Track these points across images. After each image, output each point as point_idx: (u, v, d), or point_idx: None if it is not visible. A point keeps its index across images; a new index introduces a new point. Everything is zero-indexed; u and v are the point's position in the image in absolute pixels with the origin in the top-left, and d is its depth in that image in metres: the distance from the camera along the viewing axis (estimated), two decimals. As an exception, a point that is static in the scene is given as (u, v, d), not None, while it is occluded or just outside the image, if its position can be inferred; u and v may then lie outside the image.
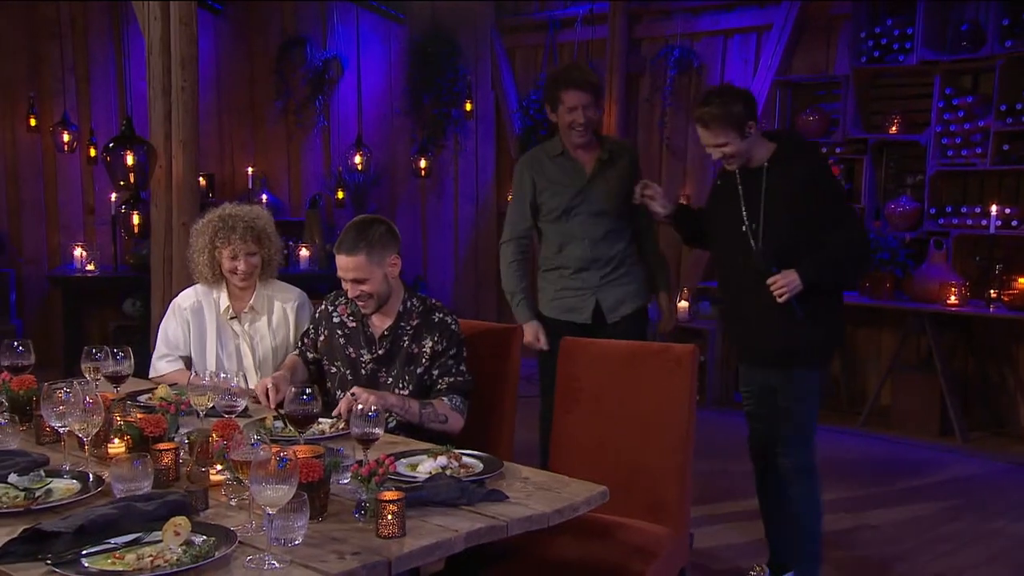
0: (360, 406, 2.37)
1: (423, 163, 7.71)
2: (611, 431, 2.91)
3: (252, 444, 2.06)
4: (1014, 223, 5.52)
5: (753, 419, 3.54)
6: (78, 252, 7.01)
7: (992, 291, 5.56)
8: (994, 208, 5.52)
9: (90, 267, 6.96)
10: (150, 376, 3.39)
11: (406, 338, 3.01)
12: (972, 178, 5.96)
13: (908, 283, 5.84)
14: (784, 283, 3.18)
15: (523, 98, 7.87)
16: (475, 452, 2.55)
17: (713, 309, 6.81)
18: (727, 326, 3.69)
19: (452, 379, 2.96)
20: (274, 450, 2.01)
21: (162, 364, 3.36)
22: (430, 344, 2.98)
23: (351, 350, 3.06)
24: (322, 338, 3.13)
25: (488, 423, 3.12)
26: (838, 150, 6.25)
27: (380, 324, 3.04)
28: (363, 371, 3.03)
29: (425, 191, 8.07)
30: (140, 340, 4.85)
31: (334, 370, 3.09)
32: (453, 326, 3.02)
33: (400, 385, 2.99)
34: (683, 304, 6.80)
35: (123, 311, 6.70)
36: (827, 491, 4.75)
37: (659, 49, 7.27)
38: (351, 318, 3.08)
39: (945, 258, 5.73)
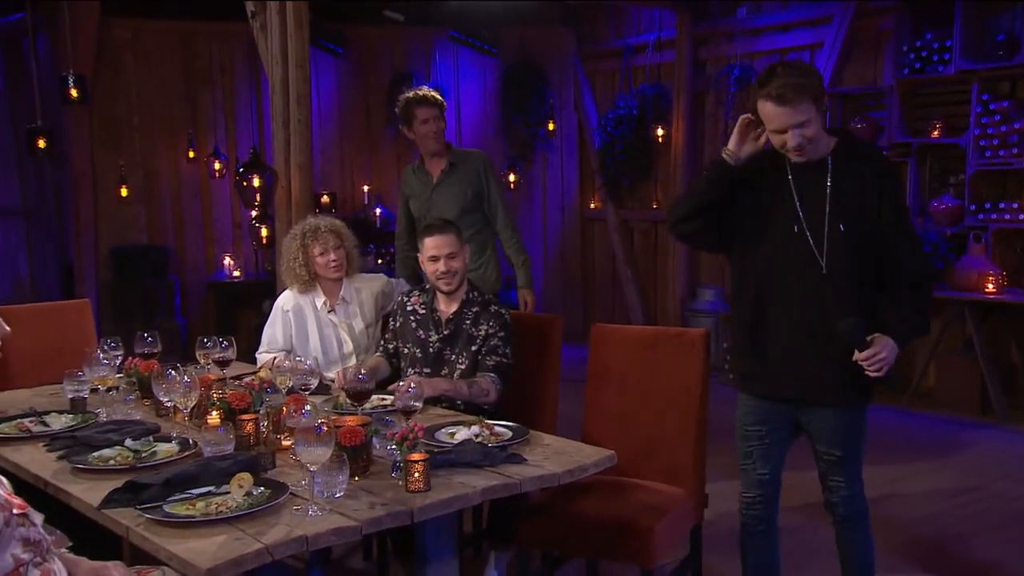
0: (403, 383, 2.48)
1: (513, 177, 7.81)
2: (635, 405, 2.93)
3: (303, 414, 2.18)
4: (1049, 217, 5.23)
5: (760, 465, 2.64)
6: (227, 261, 7.41)
7: (1030, 280, 5.29)
8: (1030, 203, 5.25)
9: (236, 273, 7.36)
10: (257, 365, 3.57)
11: (467, 322, 3.10)
12: (1009, 176, 5.65)
13: (949, 274, 5.60)
14: (885, 355, 2.35)
15: (602, 117, 7.88)
16: (507, 423, 2.61)
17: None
18: (750, 345, 2.60)
19: (497, 359, 3.02)
20: (320, 420, 2.13)
21: (262, 358, 3.52)
22: (485, 329, 3.07)
23: (421, 332, 3.16)
24: (398, 325, 3.25)
25: (533, 402, 3.18)
26: (884, 154, 6.04)
27: (447, 309, 3.13)
28: (431, 350, 3.13)
29: (516, 202, 8.15)
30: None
31: (406, 351, 3.20)
32: (506, 316, 3.11)
33: (460, 361, 3.08)
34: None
35: (262, 310, 7.04)
36: (867, 463, 4.66)
37: (721, 68, 7.17)
38: (422, 306, 3.20)
39: (984, 250, 5.48)
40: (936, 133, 5.80)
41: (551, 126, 7.92)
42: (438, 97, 4.09)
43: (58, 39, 6.76)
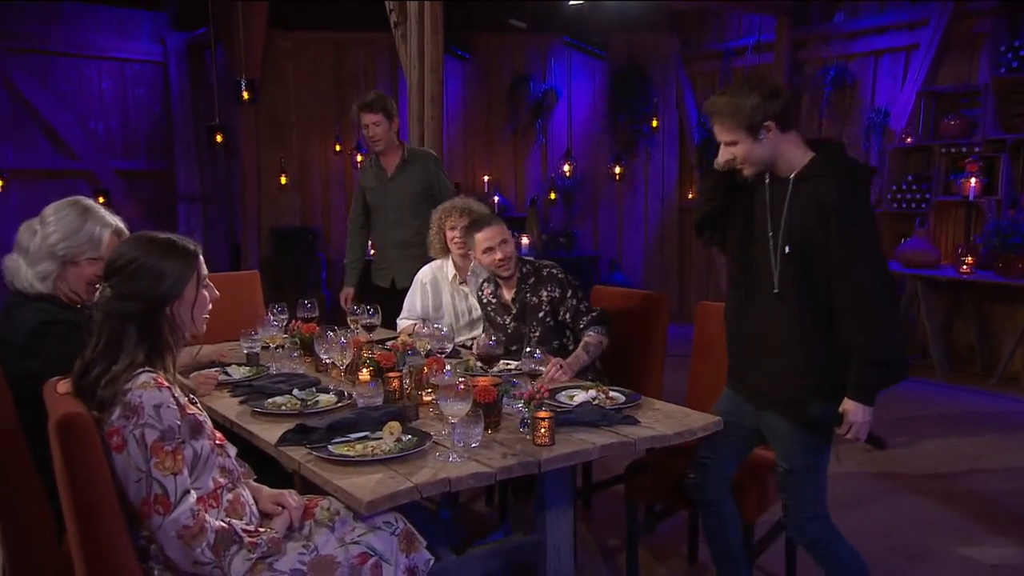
0: (527, 347, 2.50)
1: (618, 170, 7.72)
2: (736, 378, 2.86)
3: (445, 373, 2.23)
4: None
5: (705, 448, 2.42)
6: (367, 242, 7.60)
7: (1124, 272, 4.87)
8: None
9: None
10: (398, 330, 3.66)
11: (527, 293, 3.09)
12: (1106, 171, 5.22)
13: (1040, 264, 5.22)
14: (859, 421, 2.16)
15: (701, 115, 7.69)
16: (621, 388, 2.60)
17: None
18: (729, 340, 2.46)
19: (587, 317, 2.99)
20: (459, 380, 2.17)
21: (402, 323, 3.61)
22: (546, 294, 3.05)
23: (499, 319, 3.18)
24: (485, 317, 3.27)
25: (641, 373, 3.14)
26: (977, 149, 5.68)
27: (509, 293, 3.13)
28: (509, 332, 3.13)
29: (620, 193, 8.07)
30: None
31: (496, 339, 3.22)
32: (559, 275, 3.06)
33: (532, 330, 3.07)
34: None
35: (396, 284, 7.21)
36: (953, 440, 4.42)
37: (817, 70, 6.87)
38: (492, 296, 3.21)
39: (1076, 242, 5.08)
40: (1031, 129, 5.40)
41: (654, 123, 7.78)
42: (382, 102, 3.98)
43: (233, 49, 7.08)
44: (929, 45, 6.10)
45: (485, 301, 3.25)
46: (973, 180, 5.58)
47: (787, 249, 2.17)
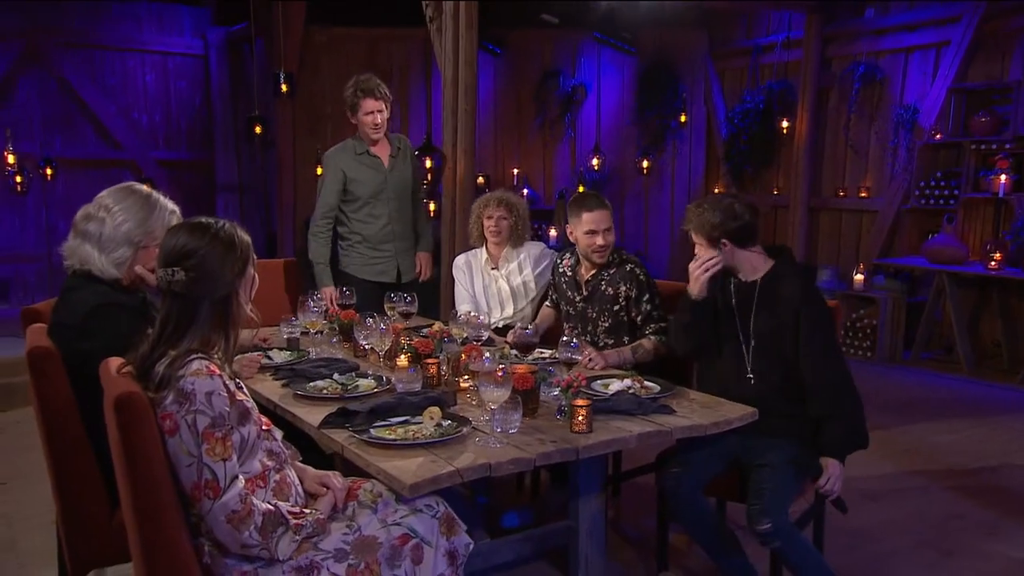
0: (565, 336, 2.47)
1: (645, 164, 7.65)
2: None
3: (485, 360, 2.21)
4: None
5: (690, 450, 2.43)
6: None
7: None
8: None
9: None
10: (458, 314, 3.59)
11: (604, 282, 3.03)
12: None
13: (1068, 260, 5.10)
14: (837, 474, 2.39)
15: (729, 110, 7.59)
16: (657, 378, 2.56)
17: (887, 282, 6.26)
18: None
19: (656, 325, 2.94)
20: (499, 367, 2.16)
21: (462, 307, 3.53)
22: (624, 289, 2.99)
23: (569, 293, 3.16)
24: (555, 282, 3.27)
25: (675, 366, 3.09)
26: (1008, 146, 5.55)
27: (586, 273, 3.08)
28: (576, 307, 3.12)
29: (647, 186, 8.00)
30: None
31: (562, 305, 3.22)
32: (641, 276, 3.00)
33: (601, 319, 3.03)
34: (859, 277, 6.33)
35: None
36: (980, 435, 4.34)
37: (846, 66, 6.74)
38: (569, 269, 3.19)
39: (1107, 239, 4.94)
40: (1064, 126, 5.26)
41: (682, 118, 7.69)
42: (385, 91, 3.71)
43: (272, 43, 7.11)
44: (961, 42, 5.96)
45: (561, 270, 3.21)
46: (1003, 177, 5.45)
47: (753, 342, 2.50)
